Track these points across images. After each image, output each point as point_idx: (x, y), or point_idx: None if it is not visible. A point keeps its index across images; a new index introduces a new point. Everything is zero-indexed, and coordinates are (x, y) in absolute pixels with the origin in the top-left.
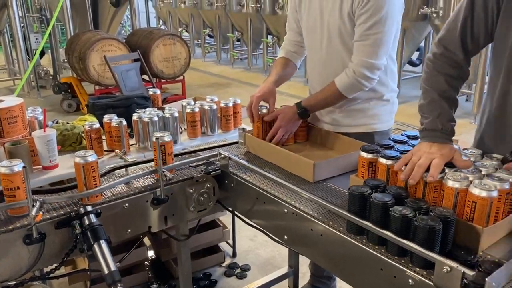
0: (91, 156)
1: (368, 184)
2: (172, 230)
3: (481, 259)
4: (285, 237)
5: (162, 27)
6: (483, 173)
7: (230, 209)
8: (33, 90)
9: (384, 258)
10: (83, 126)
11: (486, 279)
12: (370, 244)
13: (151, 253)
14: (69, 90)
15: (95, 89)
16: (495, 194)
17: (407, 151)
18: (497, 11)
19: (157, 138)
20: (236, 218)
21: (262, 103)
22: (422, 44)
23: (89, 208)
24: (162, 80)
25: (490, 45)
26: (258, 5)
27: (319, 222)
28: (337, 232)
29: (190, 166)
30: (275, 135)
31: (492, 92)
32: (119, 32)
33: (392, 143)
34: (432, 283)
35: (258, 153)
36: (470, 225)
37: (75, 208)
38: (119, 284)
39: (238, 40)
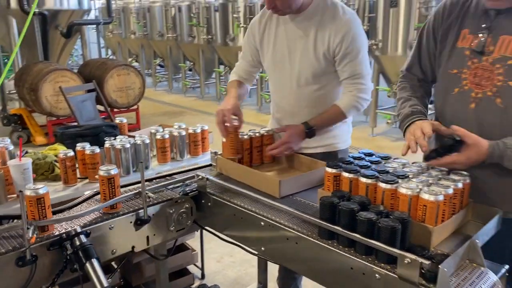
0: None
1: (336, 195)
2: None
3: (433, 253)
4: (262, 248)
5: (112, 57)
6: (430, 181)
7: (207, 227)
8: None
9: (353, 258)
10: (55, 155)
11: (439, 267)
12: (340, 246)
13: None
14: (19, 122)
15: (47, 120)
16: (441, 198)
17: (365, 166)
18: (435, 47)
19: (141, 162)
20: (203, 240)
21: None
22: None
23: (79, 229)
24: (116, 110)
25: None
26: (209, 36)
27: (294, 231)
28: (310, 238)
29: (167, 188)
30: (276, 148)
31: (436, 112)
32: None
33: (352, 160)
34: (396, 276)
35: (230, 173)
36: (422, 225)
37: (65, 229)
38: None
39: (190, 70)
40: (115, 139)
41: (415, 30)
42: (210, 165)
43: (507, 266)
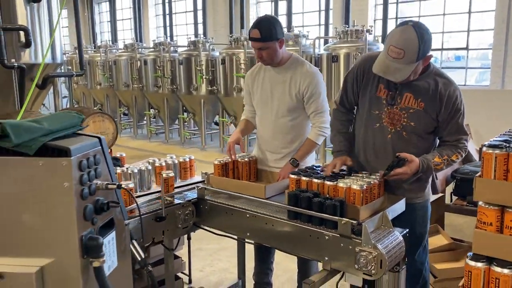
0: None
1: (298, 190)
2: None
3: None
4: (248, 233)
5: (75, 106)
6: (357, 180)
7: (205, 227)
8: None
9: (311, 228)
10: None
11: (362, 224)
12: (302, 222)
13: None
14: None
15: None
16: (364, 187)
17: (316, 173)
18: (357, 89)
19: (162, 175)
20: (191, 251)
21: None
22: None
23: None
24: None
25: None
26: (174, 86)
27: (271, 217)
28: (282, 220)
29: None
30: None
31: (357, 138)
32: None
33: (308, 171)
34: (337, 234)
35: (220, 186)
36: (353, 206)
37: None
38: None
39: (154, 117)
40: (122, 167)
41: None
42: (199, 182)
43: (407, 230)
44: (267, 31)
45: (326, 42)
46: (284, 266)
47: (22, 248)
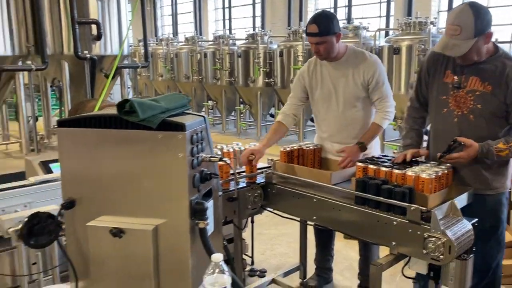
0: None
1: (367, 177)
2: None
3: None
4: (314, 217)
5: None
6: (426, 168)
7: (270, 209)
8: (31, 153)
9: (379, 213)
10: None
11: (432, 211)
12: (370, 208)
13: None
14: None
15: None
16: (433, 177)
17: (383, 161)
18: (429, 81)
19: (234, 158)
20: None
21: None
22: None
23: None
24: None
25: None
26: (232, 78)
27: (338, 202)
28: (349, 205)
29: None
30: (342, 163)
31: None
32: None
33: (375, 159)
34: (406, 220)
35: (286, 172)
36: (422, 194)
37: None
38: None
39: (211, 109)
40: None
41: (415, 73)
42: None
43: (476, 219)
44: (325, 25)
45: (386, 34)
46: (344, 254)
47: (140, 209)
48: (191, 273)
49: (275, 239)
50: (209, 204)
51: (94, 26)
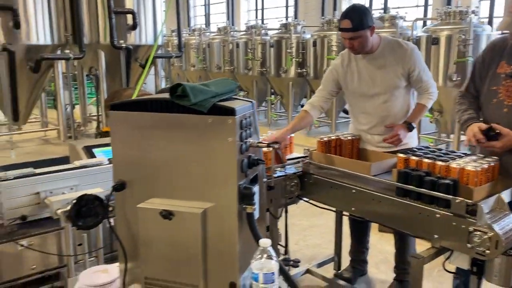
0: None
1: (409, 168)
2: None
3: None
4: (353, 208)
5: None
6: (471, 161)
7: (306, 199)
8: (68, 140)
9: (421, 206)
10: None
11: (478, 204)
12: (411, 200)
13: None
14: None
15: None
16: (479, 169)
17: (424, 152)
18: (484, 74)
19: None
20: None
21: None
22: None
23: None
24: None
25: None
26: (263, 68)
27: (378, 193)
28: (390, 197)
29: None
30: (390, 139)
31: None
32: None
33: (417, 151)
34: (450, 213)
35: (322, 162)
36: (467, 187)
37: None
38: None
39: None
40: None
41: (454, 64)
42: (298, 158)
43: None
44: (358, 20)
45: (424, 25)
46: (379, 247)
47: (189, 193)
48: (238, 257)
49: (307, 230)
50: (255, 190)
51: (129, 16)
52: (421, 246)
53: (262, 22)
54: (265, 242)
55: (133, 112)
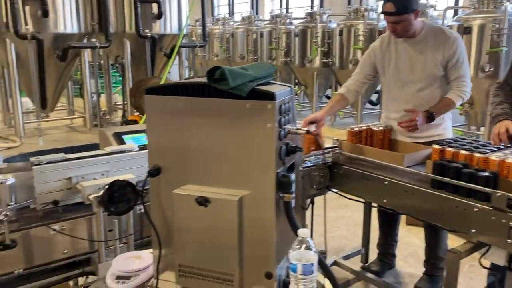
0: None
1: (445, 160)
2: None
3: None
4: (384, 200)
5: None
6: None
7: (335, 190)
8: (93, 128)
9: (458, 199)
10: None
11: None
12: (447, 193)
13: None
14: None
15: None
16: None
17: (461, 144)
18: None
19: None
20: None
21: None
22: (379, 87)
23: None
24: None
25: None
26: (287, 58)
27: (412, 185)
28: (425, 189)
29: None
30: (406, 123)
31: None
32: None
33: (452, 142)
34: (489, 207)
35: (353, 152)
36: (508, 180)
37: None
38: None
39: None
40: None
41: (487, 54)
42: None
43: None
44: (402, 3)
45: (455, 14)
46: (407, 240)
47: (225, 180)
48: (275, 247)
49: (333, 222)
50: (293, 178)
51: (155, 5)
52: (452, 241)
53: (287, 11)
54: (304, 232)
55: (169, 96)
